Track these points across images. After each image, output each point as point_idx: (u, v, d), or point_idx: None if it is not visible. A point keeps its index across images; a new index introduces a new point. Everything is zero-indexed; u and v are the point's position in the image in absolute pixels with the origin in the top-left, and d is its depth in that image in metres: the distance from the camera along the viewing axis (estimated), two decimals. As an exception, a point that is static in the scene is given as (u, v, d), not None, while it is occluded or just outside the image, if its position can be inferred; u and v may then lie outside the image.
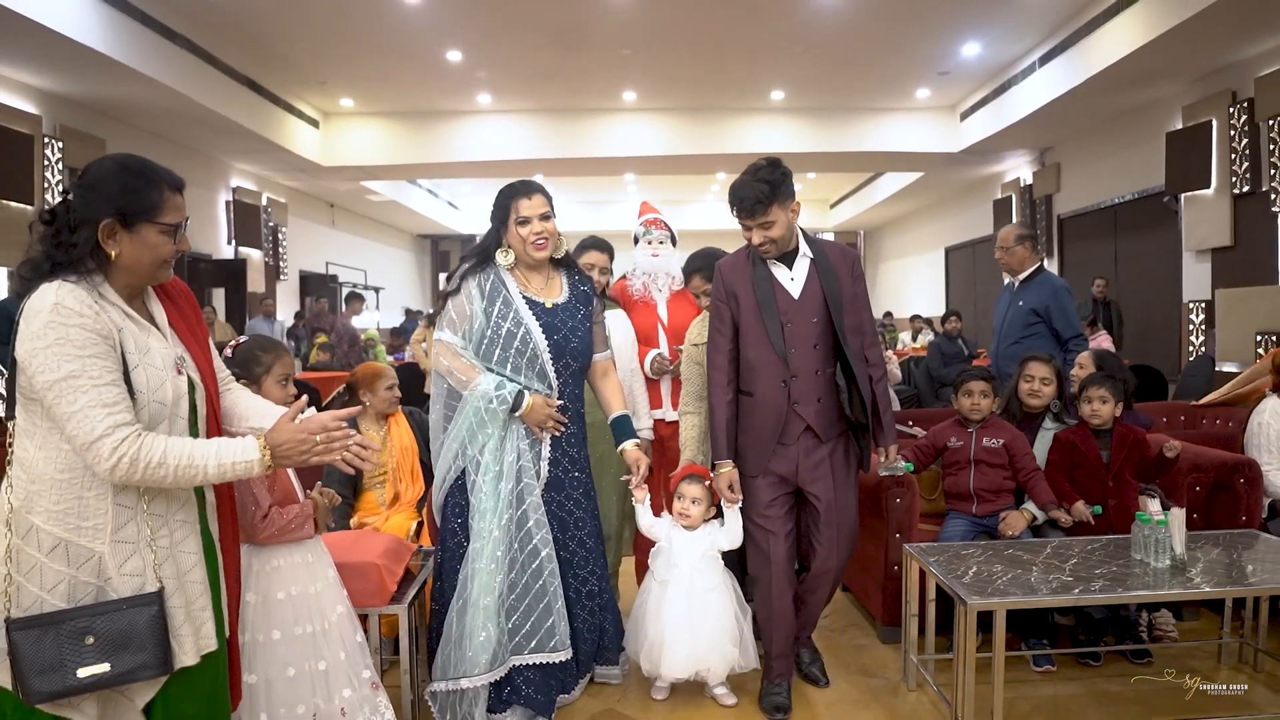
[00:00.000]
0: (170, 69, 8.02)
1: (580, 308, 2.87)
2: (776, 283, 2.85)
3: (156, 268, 1.73)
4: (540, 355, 2.73)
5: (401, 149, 12.04)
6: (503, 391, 2.65)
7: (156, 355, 1.71)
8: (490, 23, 8.49)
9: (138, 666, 1.62)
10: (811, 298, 2.83)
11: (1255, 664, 3.26)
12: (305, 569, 2.39)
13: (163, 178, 1.72)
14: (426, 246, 21.61)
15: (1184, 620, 3.65)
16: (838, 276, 2.86)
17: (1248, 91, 7.53)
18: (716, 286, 2.92)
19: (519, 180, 2.81)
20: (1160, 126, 8.78)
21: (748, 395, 2.89)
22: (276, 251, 12.78)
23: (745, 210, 2.76)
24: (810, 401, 2.83)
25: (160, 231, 1.70)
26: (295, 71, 9.91)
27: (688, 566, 2.89)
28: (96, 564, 1.64)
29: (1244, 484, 3.58)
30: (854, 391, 2.82)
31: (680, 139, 12.00)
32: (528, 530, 2.72)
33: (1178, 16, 6.68)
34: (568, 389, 2.81)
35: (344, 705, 2.33)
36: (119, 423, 1.59)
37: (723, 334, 2.89)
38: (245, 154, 11.10)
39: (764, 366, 2.83)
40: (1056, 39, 8.75)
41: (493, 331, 2.71)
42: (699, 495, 2.95)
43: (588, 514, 2.89)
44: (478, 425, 2.68)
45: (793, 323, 2.82)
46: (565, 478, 2.83)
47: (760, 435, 2.87)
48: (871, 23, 8.50)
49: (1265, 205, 7.34)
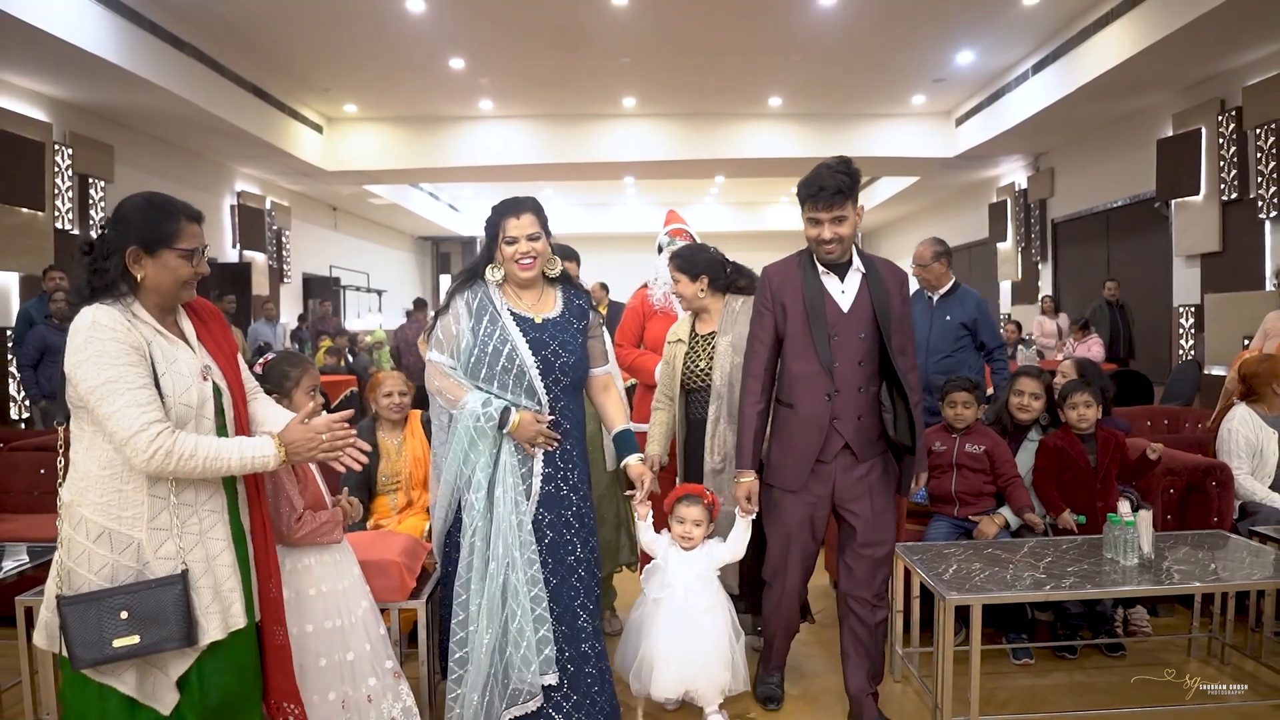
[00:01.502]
0: (178, 77, 8.17)
1: (574, 322, 2.76)
2: (827, 293, 2.75)
3: (179, 288, 1.99)
4: (527, 371, 2.63)
5: (404, 154, 12.21)
6: (489, 408, 2.58)
7: (183, 364, 1.96)
8: (492, 31, 8.64)
9: (163, 639, 1.86)
10: (861, 312, 2.73)
11: (1222, 657, 3.42)
12: (334, 567, 2.59)
13: (180, 210, 1.99)
14: (428, 249, 21.77)
15: (1158, 616, 3.81)
16: (888, 293, 2.75)
17: (1236, 100, 7.68)
18: (762, 292, 2.82)
19: (512, 198, 2.73)
20: (1151, 134, 8.93)
21: (787, 407, 2.81)
22: (280, 255, 12.93)
23: (823, 199, 2.63)
24: (850, 419, 2.73)
25: (179, 256, 1.96)
26: (300, 78, 10.07)
27: (682, 586, 2.82)
28: (136, 550, 1.89)
29: (1216, 487, 3.73)
30: (900, 412, 2.70)
31: (679, 144, 12.16)
32: (513, 559, 2.58)
33: (1167, 27, 6.84)
34: (560, 405, 2.69)
35: (370, 693, 2.53)
36: (153, 419, 1.84)
37: (763, 342, 2.81)
38: (250, 159, 11.26)
39: (807, 379, 2.74)
40: (1049, 48, 8.90)
41: (479, 349, 2.64)
42: (700, 517, 2.88)
43: (579, 538, 2.71)
44: (469, 445, 2.61)
45: (840, 336, 2.72)
46: (558, 495, 2.68)
47: (800, 450, 2.77)
48: (868, 31, 8.66)
49: (1253, 212, 7.49)
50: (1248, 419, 3.95)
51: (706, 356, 3.28)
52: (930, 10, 8.10)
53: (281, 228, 13.00)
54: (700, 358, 3.30)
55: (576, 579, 2.67)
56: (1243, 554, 3.18)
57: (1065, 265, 11.54)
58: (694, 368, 3.30)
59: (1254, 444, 3.90)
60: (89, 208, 8.37)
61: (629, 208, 20.77)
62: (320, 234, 15.12)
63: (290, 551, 2.52)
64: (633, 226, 20.05)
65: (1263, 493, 3.81)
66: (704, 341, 3.32)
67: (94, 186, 8.47)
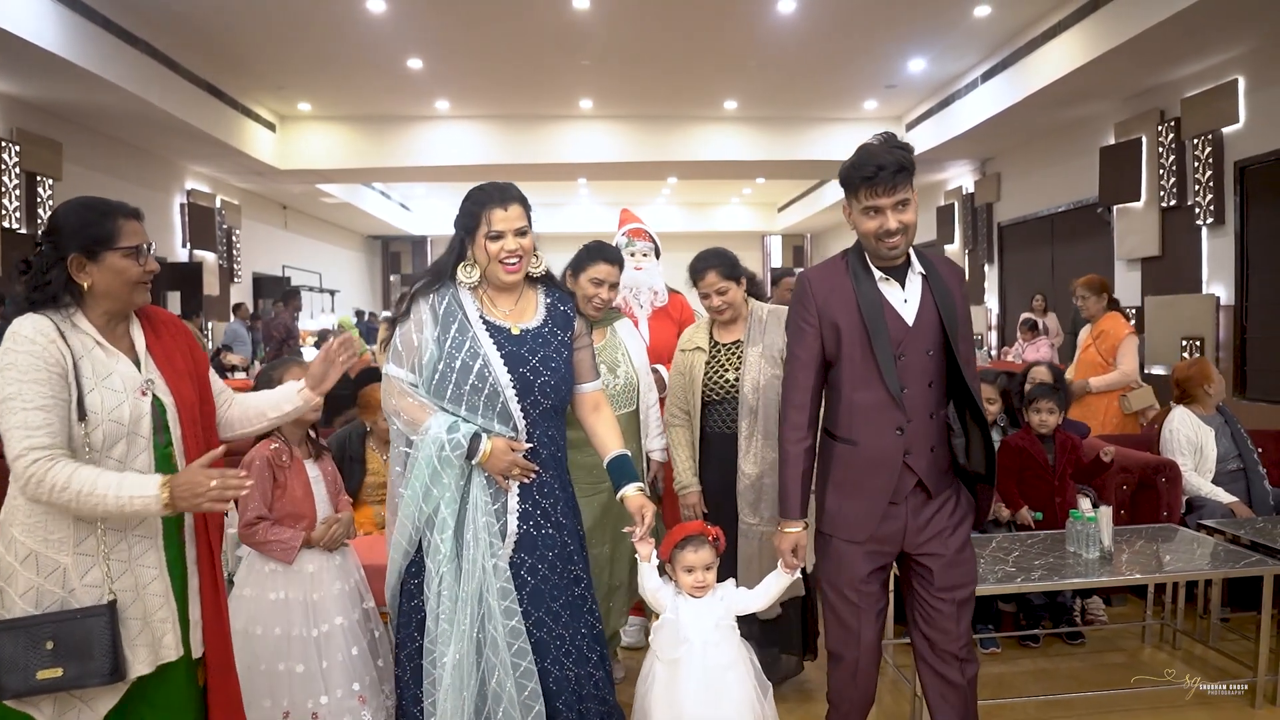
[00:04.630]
0: (130, 73, 8.02)
1: (558, 333, 2.36)
2: (887, 304, 2.29)
3: (130, 290, 1.89)
4: (502, 392, 2.22)
5: (359, 153, 12.11)
6: (456, 434, 2.17)
7: (119, 379, 1.85)
8: (453, 32, 8.63)
9: (85, 674, 1.75)
10: (927, 324, 2.29)
11: (1174, 642, 3.63)
12: (309, 579, 2.62)
13: (116, 209, 1.89)
14: (377, 248, 21.55)
15: (1112, 606, 4.03)
16: (953, 296, 2.33)
17: (1175, 111, 8.00)
18: (803, 303, 2.36)
19: (493, 184, 2.31)
20: (1094, 141, 9.25)
21: (847, 444, 2.34)
22: (230, 254, 12.75)
23: (883, 181, 2.19)
24: (923, 452, 2.30)
25: (124, 256, 1.86)
26: (254, 76, 9.95)
27: (700, 640, 2.39)
28: (61, 575, 1.79)
29: (1165, 483, 3.94)
30: (974, 436, 2.32)
31: (635, 146, 12.25)
32: (489, 608, 2.20)
33: (1111, 41, 7.11)
34: (539, 430, 2.29)
35: (318, 710, 2.52)
36: (34, 445, 1.72)
37: (806, 365, 2.35)
38: (202, 157, 11.08)
39: (872, 411, 2.29)
40: (998, 57, 9.17)
41: (445, 363, 2.23)
42: (710, 560, 2.46)
43: (562, 585, 2.29)
44: (431, 477, 2.19)
45: (907, 355, 2.27)
46: (538, 534, 2.27)
47: (869, 495, 2.31)
48: (823, 38, 8.83)
49: (1190, 218, 7.81)
50: (1187, 419, 4.19)
51: (734, 367, 3.02)
52: (884, 19, 8.30)
53: (232, 227, 12.81)
54: (726, 368, 3.03)
55: (565, 627, 2.27)
56: (1192, 545, 3.38)
57: (1011, 268, 11.89)
58: (719, 379, 3.03)
59: (1194, 441, 4.14)
60: (37, 206, 8.18)
61: (581, 208, 20.82)
62: (270, 233, 14.91)
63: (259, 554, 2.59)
64: (584, 227, 20.05)
65: (1207, 488, 4.03)
66: (728, 350, 3.07)
67: (42, 185, 8.27)
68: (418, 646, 2.25)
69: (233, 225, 12.84)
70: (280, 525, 2.60)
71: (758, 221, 21.64)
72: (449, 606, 2.18)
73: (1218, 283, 7.61)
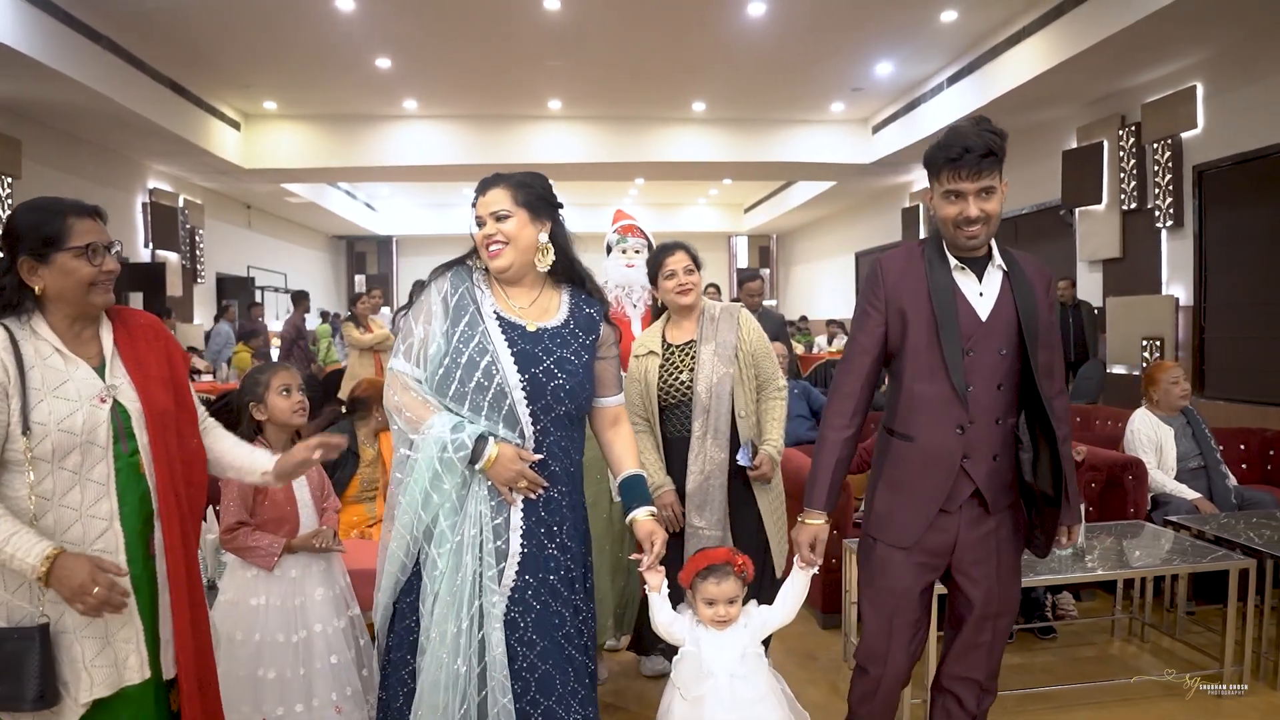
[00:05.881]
0: (92, 69, 7.88)
1: (580, 335, 2.16)
2: (961, 295, 2.16)
3: (85, 291, 1.80)
4: (509, 393, 2.03)
5: (325, 152, 12.00)
6: (460, 435, 1.98)
7: (74, 387, 1.77)
8: (421, 32, 8.59)
9: (15, 697, 1.65)
10: (1003, 322, 2.14)
11: (1142, 635, 3.73)
12: (291, 584, 2.59)
13: (66, 208, 1.81)
14: (342, 248, 21.32)
15: (1082, 600, 4.11)
16: (1035, 297, 2.18)
17: (1135, 116, 8.18)
18: (873, 287, 2.24)
19: (489, 175, 2.27)
20: (1057, 145, 9.41)
21: (904, 439, 2.21)
22: (194, 254, 12.57)
23: (968, 165, 2.05)
24: (984, 459, 2.15)
25: (75, 256, 1.78)
26: (220, 74, 9.82)
27: (726, 673, 2.17)
28: (28, 590, 1.72)
29: (1132, 480, 4.04)
30: (1043, 451, 2.14)
31: (603, 146, 12.26)
32: (489, 634, 2.00)
33: (1074, 48, 7.26)
34: (550, 439, 2.08)
35: (293, 719, 2.50)
36: None
37: (866, 351, 2.22)
38: (165, 155, 10.91)
39: (934, 404, 2.15)
40: (964, 61, 9.31)
41: (451, 359, 2.06)
42: (735, 593, 2.22)
43: (569, 608, 2.08)
44: (432, 482, 2.01)
45: (976, 351, 2.13)
46: (541, 555, 2.06)
47: (920, 496, 2.18)
48: (791, 41, 8.90)
49: (1150, 221, 7.99)
50: (1146, 419, 4.31)
51: (688, 368, 2.97)
52: (852, 23, 8.38)
53: (195, 226, 12.63)
54: (680, 369, 2.98)
55: (568, 661, 2.05)
56: (1158, 541, 3.48)
57: (975, 269, 12.06)
58: (673, 381, 2.98)
59: (1154, 440, 4.25)
60: (-4, 205, 8.03)
61: (547, 208, 20.72)
62: (234, 232, 14.72)
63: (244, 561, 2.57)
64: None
65: (1171, 485, 4.14)
66: (681, 351, 3.02)
67: (1, 183, 8.12)
68: (411, 670, 2.06)
69: (196, 225, 12.66)
70: (261, 531, 2.58)
71: (724, 222, 21.74)
72: (442, 629, 1.99)
73: (1177, 284, 7.79)
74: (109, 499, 1.80)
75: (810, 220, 19.40)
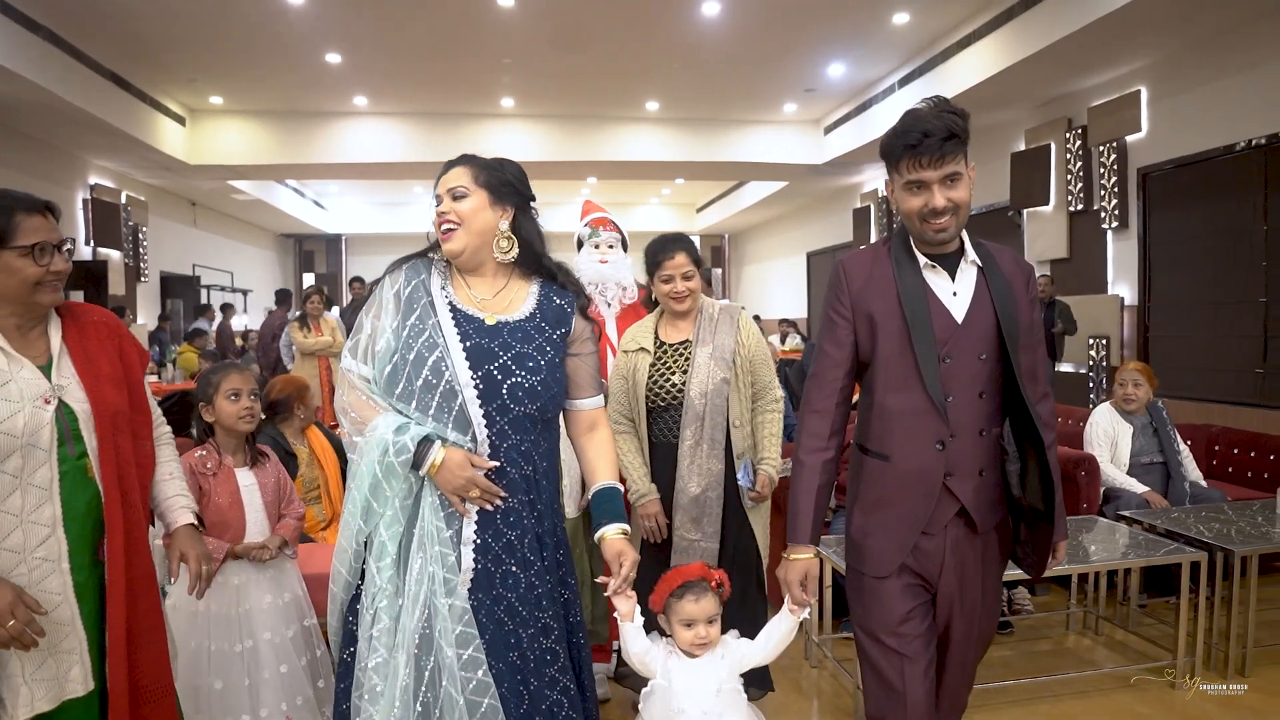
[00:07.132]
0: (30, 61, 7.63)
1: (546, 329, 1.95)
2: (933, 296, 1.95)
3: (29, 292, 1.74)
4: (459, 391, 1.83)
5: (273, 148, 11.77)
6: (402, 437, 1.79)
7: (15, 388, 1.71)
8: (372, 27, 8.47)
9: None
10: (981, 324, 1.94)
11: (1096, 629, 3.79)
12: (233, 591, 2.51)
13: (16, 204, 1.74)
14: (290, 246, 20.97)
15: (1037, 595, 4.17)
16: (1014, 295, 1.97)
17: (1082, 119, 8.35)
18: (837, 292, 2.02)
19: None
20: (1006, 147, 9.57)
21: (879, 459, 2.00)
22: (137, 252, 12.25)
23: (929, 150, 1.84)
24: (969, 474, 1.94)
25: (20, 255, 1.71)
26: (164, 67, 9.57)
27: (699, 711, 1.97)
28: None
29: (1084, 476, 4.11)
30: (1031, 462, 1.94)
31: (556, 145, 12.20)
32: (442, 661, 1.79)
33: (1023, 52, 7.39)
34: (508, 444, 1.87)
35: None
36: None
37: (836, 363, 2.00)
38: (107, 151, 10.62)
39: (909, 418, 1.94)
40: (914, 64, 9.43)
41: (400, 355, 1.87)
42: (714, 611, 2.03)
43: (525, 637, 1.85)
44: (373, 489, 1.83)
45: (954, 358, 1.92)
46: (496, 573, 1.85)
47: (900, 519, 1.97)
48: (745, 42, 8.94)
49: (1096, 222, 8.16)
50: (1107, 414, 4.40)
51: (680, 369, 2.78)
52: (805, 24, 8.44)
53: (138, 224, 12.31)
54: (672, 370, 2.79)
55: (524, 685, 1.83)
56: (1111, 535, 3.53)
57: (926, 269, 12.22)
58: (664, 382, 2.78)
59: (1111, 435, 4.34)
60: (-72, 200, 7.73)
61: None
62: (179, 230, 14.38)
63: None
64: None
65: (1122, 478, 4.22)
66: (674, 351, 2.83)
67: (-67, 177, 7.85)
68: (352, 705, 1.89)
69: (139, 222, 12.34)
70: (206, 537, 2.50)
71: (677, 222, 21.75)
72: (384, 656, 1.80)
73: (1122, 283, 7.97)
74: (51, 504, 1.74)
75: (762, 220, 19.52)
